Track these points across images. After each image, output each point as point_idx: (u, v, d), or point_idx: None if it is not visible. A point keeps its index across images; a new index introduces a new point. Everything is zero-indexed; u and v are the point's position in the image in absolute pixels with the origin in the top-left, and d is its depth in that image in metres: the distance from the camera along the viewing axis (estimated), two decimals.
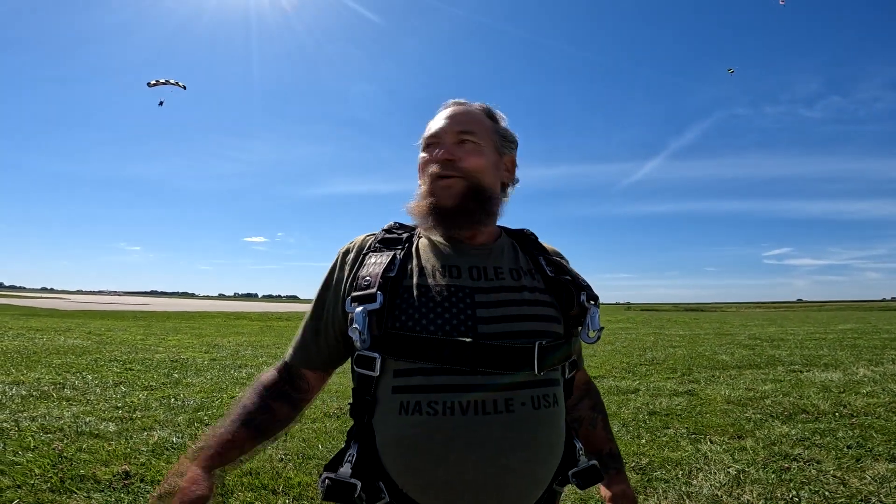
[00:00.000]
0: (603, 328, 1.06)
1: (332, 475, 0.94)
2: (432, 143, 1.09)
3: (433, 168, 1.05)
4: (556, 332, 1.01)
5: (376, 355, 0.94)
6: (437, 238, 1.08)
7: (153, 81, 17.84)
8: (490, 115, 1.15)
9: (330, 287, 1.07)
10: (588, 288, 1.07)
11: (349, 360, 1.04)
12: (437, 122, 1.10)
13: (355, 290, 0.98)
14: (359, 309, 0.94)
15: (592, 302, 1.05)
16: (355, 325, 0.93)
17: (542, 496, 0.97)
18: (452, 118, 1.09)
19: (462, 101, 1.14)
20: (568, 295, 1.05)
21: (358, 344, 0.95)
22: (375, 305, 0.94)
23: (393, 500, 0.92)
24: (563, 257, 1.19)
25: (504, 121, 1.17)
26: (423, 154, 1.11)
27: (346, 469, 0.94)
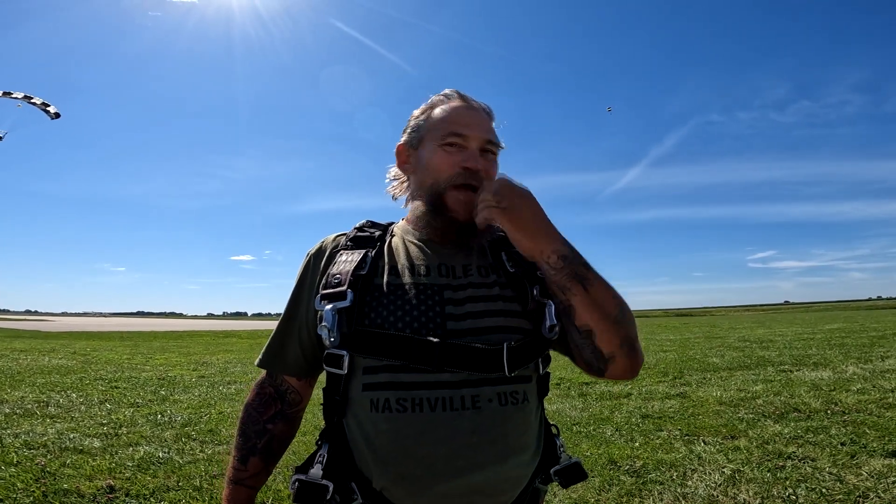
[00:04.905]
0: (557, 323, 0.98)
1: (302, 477, 0.92)
2: (457, 143, 1.03)
3: (461, 176, 1.01)
4: (524, 327, 0.98)
5: (344, 353, 0.93)
6: (409, 237, 1.08)
7: None
8: (491, 119, 1.12)
9: (302, 289, 1.06)
10: (543, 282, 1.00)
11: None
12: (465, 121, 1.05)
13: (325, 289, 0.97)
14: (328, 307, 0.94)
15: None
16: (324, 324, 0.93)
17: (523, 495, 0.95)
18: (481, 124, 1.06)
19: (466, 95, 1.10)
20: (523, 289, 1.01)
21: (327, 342, 0.94)
22: (345, 303, 0.93)
23: (366, 500, 0.90)
24: None
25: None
26: (436, 146, 1.05)
27: (316, 470, 0.93)
